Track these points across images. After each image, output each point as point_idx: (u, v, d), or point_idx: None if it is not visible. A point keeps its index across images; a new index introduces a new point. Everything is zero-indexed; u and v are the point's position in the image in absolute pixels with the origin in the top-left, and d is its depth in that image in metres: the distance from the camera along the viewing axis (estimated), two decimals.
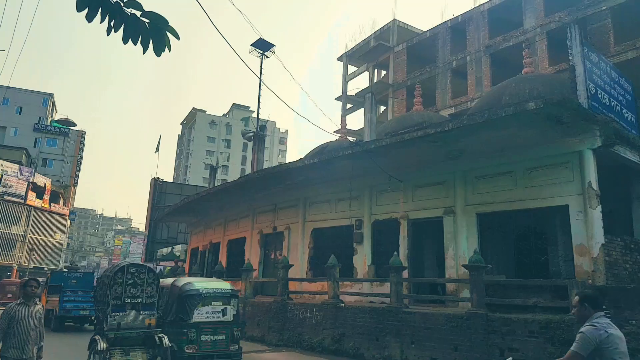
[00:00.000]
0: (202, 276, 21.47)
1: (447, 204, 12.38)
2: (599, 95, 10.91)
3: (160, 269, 32.17)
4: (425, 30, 33.20)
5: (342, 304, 12.56)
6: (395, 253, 12.06)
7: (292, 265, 15.33)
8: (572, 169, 10.14)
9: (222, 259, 21.04)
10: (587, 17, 22.62)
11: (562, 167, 10.33)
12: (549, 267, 10.60)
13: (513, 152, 11.02)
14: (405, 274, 12.18)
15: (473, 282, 9.87)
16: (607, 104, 11.19)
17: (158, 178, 36.76)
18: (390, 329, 10.89)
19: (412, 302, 12.14)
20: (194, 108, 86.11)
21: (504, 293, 9.97)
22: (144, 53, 3.49)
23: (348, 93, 38.09)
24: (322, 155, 14.99)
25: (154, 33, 3.37)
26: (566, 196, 10.13)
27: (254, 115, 28.46)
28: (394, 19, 35.22)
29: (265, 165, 37.66)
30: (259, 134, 25.26)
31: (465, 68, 28.46)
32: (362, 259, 14.34)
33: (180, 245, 35.40)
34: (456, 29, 29.70)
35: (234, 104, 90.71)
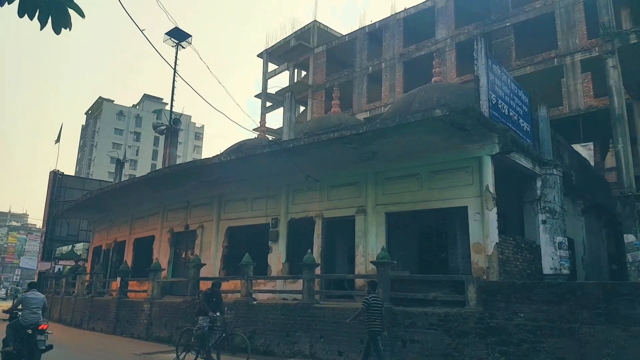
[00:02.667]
0: (104, 276, 20.28)
1: (360, 203, 12.81)
2: (499, 106, 11.85)
3: (60, 269, 29.82)
4: (344, 34, 34.05)
5: (255, 302, 12.49)
6: (309, 251, 12.24)
7: (205, 264, 14.95)
8: (472, 173, 10.95)
9: (128, 258, 19.96)
10: (492, 32, 24.57)
11: (463, 171, 11.12)
12: (448, 263, 11.35)
13: (420, 156, 11.67)
14: (318, 270, 12.41)
15: (379, 277, 10.30)
16: (506, 113, 12.18)
17: (58, 171, 34.16)
18: (301, 324, 11.04)
19: (323, 297, 12.37)
20: (100, 97, 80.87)
21: (407, 288, 10.52)
22: (41, 29, 3.24)
23: (268, 91, 37.95)
24: (239, 153, 14.80)
25: (54, 8, 3.12)
26: (466, 198, 10.92)
27: (167, 107, 27.38)
28: (315, 20, 35.71)
29: (179, 161, 36.39)
30: (172, 127, 24.29)
31: (381, 74, 29.61)
32: (277, 257, 14.37)
33: (82, 244, 33.09)
34: (373, 35, 30.78)
35: (145, 94, 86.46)
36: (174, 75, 25.08)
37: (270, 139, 21.87)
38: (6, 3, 3.05)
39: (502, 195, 10.98)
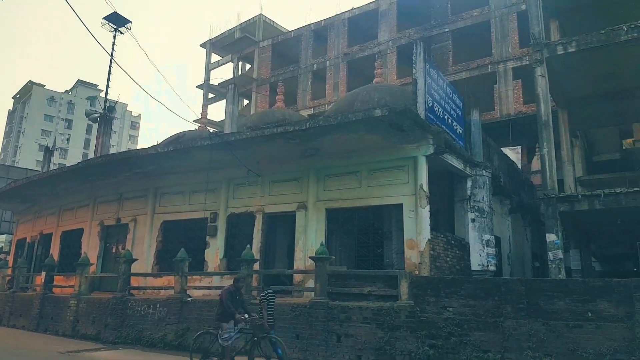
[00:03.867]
0: (28, 271, 19.06)
1: (301, 199, 12.85)
2: (435, 108, 12.30)
3: None
4: (290, 30, 33.98)
5: (189, 299, 12.23)
6: (248, 246, 12.14)
7: (137, 259, 14.42)
8: (408, 172, 11.30)
9: (54, 251, 18.85)
10: (432, 37, 25.41)
11: (400, 170, 11.45)
12: (384, 259, 11.66)
13: (360, 154, 11.89)
14: (256, 266, 12.33)
15: (317, 272, 10.42)
16: (441, 116, 12.66)
17: None
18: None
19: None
20: (30, 81, 75.84)
21: (344, 283, 10.69)
22: None
23: (211, 82, 37.15)
24: (178, 144, 14.37)
25: None
26: (401, 196, 11.26)
27: (102, 94, 26.11)
28: (260, 14, 35.39)
29: (112, 151, 34.95)
30: (106, 115, 23.14)
31: (325, 72, 29.86)
32: (215, 253, 14.12)
33: (4, 236, 30.92)
34: (319, 33, 30.96)
35: (79, 80, 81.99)
36: (111, 62, 23.94)
37: (211, 131, 21.45)
38: None
39: (434, 194, 11.43)
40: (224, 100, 28.61)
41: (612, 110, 17.39)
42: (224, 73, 63.14)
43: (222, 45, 36.58)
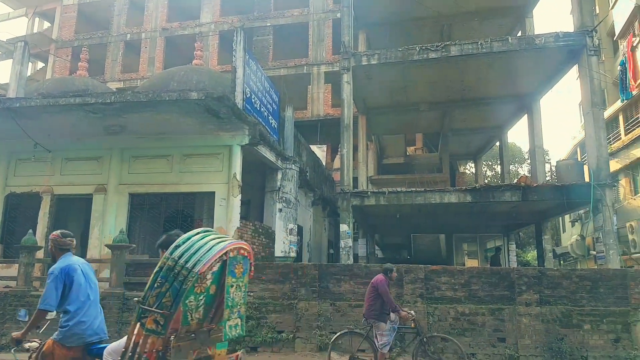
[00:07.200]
0: None
1: (100, 181, 11.82)
2: (253, 100, 12.55)
3: None
4: None
5: None
6: (31, 231, 10.68)
7: None
8: (223, 160, 11.35)
9: None
10: (254, 29, 25.70)
11: (215, 157, 11.43)
12: None
13: (173, 137, 11.48)
14: (40, 254, 10.91)
15: (114, 261, 9.75)
16: (258, 108, 12.98)
17: None
18: (12, 315, 9.56)
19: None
20: None
21: (145, 272, 10.23)
22: None
23: None
24: None
25: None
26: (215, 184, 11.27)
27: None
28: None
29: None
30: None
31: (140, 44, 27.80)
32: None
33: None
34: (135, 1, 28.62)
35: None
36: None
37: None
38: None
39: (248, 184, 11.72)
40: (12, 60, 24.25)
41: (401, 121, 20.21)
42: (15, 29, 53.39)
43: None
